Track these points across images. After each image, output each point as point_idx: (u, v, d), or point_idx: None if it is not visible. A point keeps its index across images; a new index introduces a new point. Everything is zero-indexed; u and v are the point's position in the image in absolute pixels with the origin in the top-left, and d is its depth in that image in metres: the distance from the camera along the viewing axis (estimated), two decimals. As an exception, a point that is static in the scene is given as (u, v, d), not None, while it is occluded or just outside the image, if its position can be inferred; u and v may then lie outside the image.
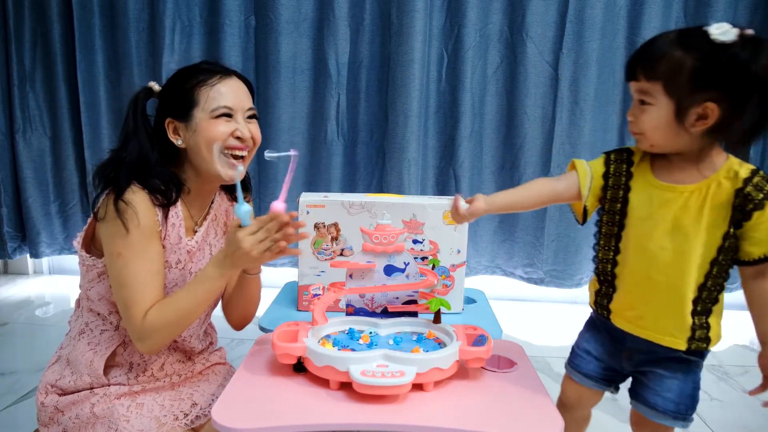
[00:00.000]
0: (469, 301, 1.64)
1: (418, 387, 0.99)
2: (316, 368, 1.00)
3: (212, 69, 1.12)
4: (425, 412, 0.94)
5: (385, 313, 1.27)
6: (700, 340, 0.93)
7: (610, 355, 1.04)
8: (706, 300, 0.92)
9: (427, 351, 1.05)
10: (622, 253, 0.96)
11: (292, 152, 1.08)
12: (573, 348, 1.12)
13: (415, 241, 1.49)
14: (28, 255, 2.79)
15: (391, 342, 1.11)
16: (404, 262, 1.25)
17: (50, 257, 2.87)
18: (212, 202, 1.24)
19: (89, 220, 1.11)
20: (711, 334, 0.93)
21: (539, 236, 2.47)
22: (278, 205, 1.05)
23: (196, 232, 1.18)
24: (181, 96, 1.10)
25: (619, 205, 0.96)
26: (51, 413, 1.11)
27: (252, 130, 1.14)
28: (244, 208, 1.02)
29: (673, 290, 0.91)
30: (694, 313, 0.92)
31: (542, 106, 2.38)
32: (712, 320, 0.93)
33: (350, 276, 1.25)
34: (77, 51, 2.48)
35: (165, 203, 1.09)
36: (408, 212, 1.49)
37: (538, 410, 0.97)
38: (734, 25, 0.80)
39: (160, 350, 1.12)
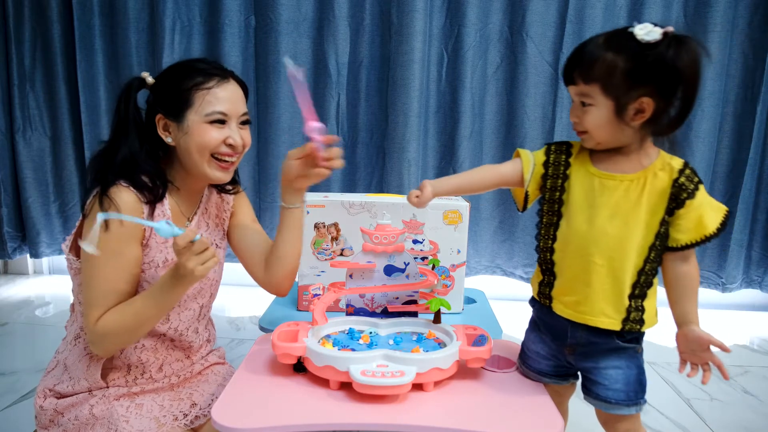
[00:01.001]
0: (469, 301, 1.64)
1: (418, 387, 1.00)
2: (316, 368, 1.01)
3: (209, 71, 1.10)
4: (425, 412, 0.94)
5: (385, 313, 1.26)
6: (635, 322, 0.98)
7: (556, 352, 1.07)
8: (643, 284, 0.98)
9: (427, 351, 1.05)
10: (559, 240, 1.01)
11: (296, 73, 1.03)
12: (522, 347, 1.14)
13: (415, 241, 1.49)
14: (28, 255, 2.79)
15: (391, 342, 1.11)
16: (404, 262, 1.25)
17: (50, 257, 2.87)
18: (202, 196, 1.24)
19: (78, 223, 1.10)
20: (645, 316, 0.99)
21: (539, 236, 2.47)
22: (315, 125, 1.04)
23: (187, 227, 1.18)
24: (175, 95, 1.08)
25: (557, 194, 1.02)
26: (51, 416, 1.11)
27: (244, 136, 1.13)
28: (162, 230, 0.91)
29: (612, 274, 0.96)
30: (631, 296, 0.97)
31: (542, 106, 2.38)
32: (646, 303, 0.99)
33: (350, 276, 1.25)
34: (77, 51, 2.48)
35: (152, 200, 1.08)
36: (408, 212, 1.49)
37: (538, 410, 0.97)
38: (655, 24, 0.89)
39: (113, 353, 1.10)
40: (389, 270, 1.24)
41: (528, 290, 1.17)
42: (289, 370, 1.07)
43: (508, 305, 2.35)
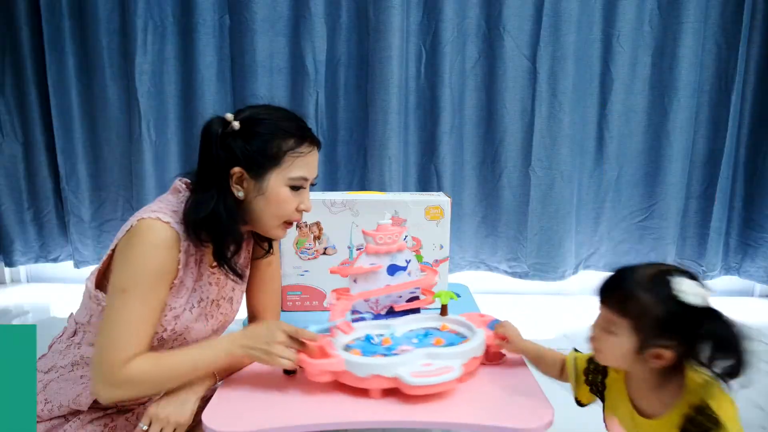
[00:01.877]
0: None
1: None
2: (357, 379, 0.97)
3: (303, 134, 1.06)
4: (419, 407, 0.93)
5: (391, 313, 1.25)
6: None
7: None
8: None
9: (450, 342, 1.08)
10: None
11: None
12: None
13: (398, 238, 1.48)
14: (2, 264, 2.72)
15: (415, 341, 1.11)
16: (406, 260, 1.24)
17: (26, 266, 2.80)
18: None
19: (105, 258, 1.04)
20: None
21: (522, 230, 2.48)
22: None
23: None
24: (264, 153, 1.02)
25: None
26: None
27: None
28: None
29: None
30: None
31: (521, 99, 2.39)
32: None
33: (354, 281, 1.22)
34: (46, 54, 2.42)
35: (219, 262, 1.05)
36: (390, 209, 1.48)
37: (529, 399, 0.97)
38: (699, 282, 0.85)
39: (119, 401, 1.04)
40: (392, 270, 1.23)
41: (512, 282, 1.19)
42: (279, 372, 1.06)
43: (493, 298, 2.37)
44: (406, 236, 1.49)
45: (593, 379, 1.01)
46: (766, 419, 1.63)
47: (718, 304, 0.84)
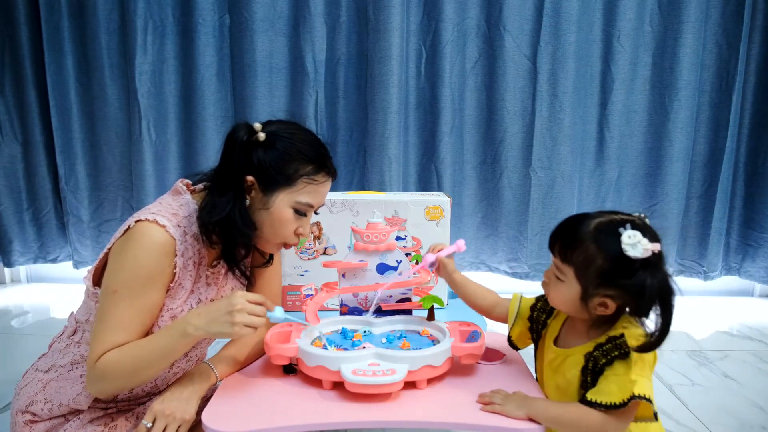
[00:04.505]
0: (454, 295, 1.64)
1: (411, 384, 0.98)
2: (308, 368, 0.99)
3: (323, 163, 1.06)
4: (417, 407, 0.93)
5: (379, 312, 1.25)
6: None
7: None
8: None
9: (418, 346, 1.05)
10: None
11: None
12: None
13: (398, 238, 1.48)
14: (1, 264, 2.72)
15: (383, 341, 1.10)
16: (396, 260, 1.24)
17: (27, 266, 2.80)
18: None
19: (102, 254, 1.04)
20: None
21: (523, 230, 2.48)
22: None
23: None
24: (279, 171, 1.03)
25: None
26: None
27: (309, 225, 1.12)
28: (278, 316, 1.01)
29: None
30: None
31: (522, 99, 2.39)
32: None
33: (343, 275, 1.23)
34: (45, 54, 2.41)
35: (229, 264, 1.07)
36: (390, 209, 1.48)
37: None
38: (643, 232, 0.85)
39: (110, 396, 1.04)
40: (381, 268, 1.23)
41: (511, 282, 1.21)
42: (280, 372, 1.06)
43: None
44: (406, 236, 1.49)
45: (537, 317, 1.07)
46: (766, 419, 1.62)
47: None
